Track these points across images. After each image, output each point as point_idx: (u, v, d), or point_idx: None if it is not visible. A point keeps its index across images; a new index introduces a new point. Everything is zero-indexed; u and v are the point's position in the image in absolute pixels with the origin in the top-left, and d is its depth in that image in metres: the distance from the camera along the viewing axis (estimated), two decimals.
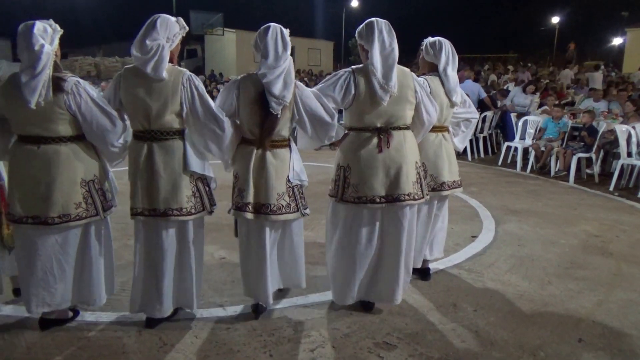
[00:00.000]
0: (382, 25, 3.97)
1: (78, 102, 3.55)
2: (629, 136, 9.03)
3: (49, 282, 3.72)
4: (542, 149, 10.40)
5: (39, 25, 3.47)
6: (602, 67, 25.24)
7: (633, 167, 9.23)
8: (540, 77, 22.74)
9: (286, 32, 3.88)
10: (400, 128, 4.07)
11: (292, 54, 3.92)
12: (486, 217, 7.03)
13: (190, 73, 3.78)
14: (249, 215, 3.86)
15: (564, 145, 10.22)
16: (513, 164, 11.14)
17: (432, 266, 5.11)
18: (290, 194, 3.96)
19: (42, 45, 3.42)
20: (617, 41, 43.92)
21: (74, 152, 3.65)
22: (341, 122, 4.19)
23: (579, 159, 9.76)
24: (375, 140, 4.00)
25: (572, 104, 14.23)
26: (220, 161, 4.07)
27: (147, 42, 3.57)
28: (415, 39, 4.36)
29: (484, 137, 12.59)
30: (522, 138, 11.24)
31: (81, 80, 3.66)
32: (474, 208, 7.52)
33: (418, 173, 4.16)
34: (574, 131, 10.66)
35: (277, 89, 3.71)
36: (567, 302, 4.50)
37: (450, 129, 4.86)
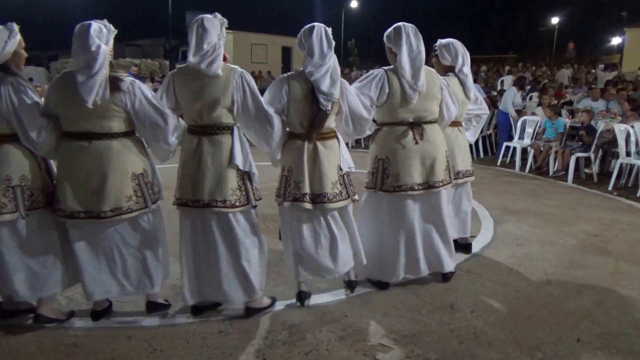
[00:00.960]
0: (409, 29, 4.34)
1: (133, 100, 3.69)
2: (628, 135, 9.01)
3: (105, 272, 3.93)
4: (542, 149, 10.38)
5: (95, 26, 3.59)
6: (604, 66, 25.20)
7: (632, 166, 9.20)
8: (538, 77, 22.78)
9: (330, 30, 4.07)
10: (430, 122, 4.52)
11: (289, 55, 4.05)
12: (485, 217, 7.01)
13: (242, 70, 3.93)
14: (308, 206, 4.09)
15: (562, 145, 10.20)
16: (512, 163, 11.12)
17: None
18: (341, 181, 4.20)
19: (99, 46, 3.53)
20: (616, 41, 44.01)
21: (124, 147, 3.79)
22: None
23: (578, 159, 9.74)
24: (410, 134, 4.42)
25: (570, 103, 14.22)
26: (268, 157, 4.30)
27: (204, 46, 3.71)
28: None
29: (483, 137, 12.56)
30: (521, 138, 11.22)
31: (135, 80, 3.80)
32: (473, 208, 7.47)
33: (447, 161, 4.66)
34: (572, 130, 10.65)
35: (325, 85, 3.93)
36: (566, 302, 4.49)
37: (463, 123, 5.20)
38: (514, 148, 11.15)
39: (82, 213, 3.72)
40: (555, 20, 47.43)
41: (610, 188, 8.98)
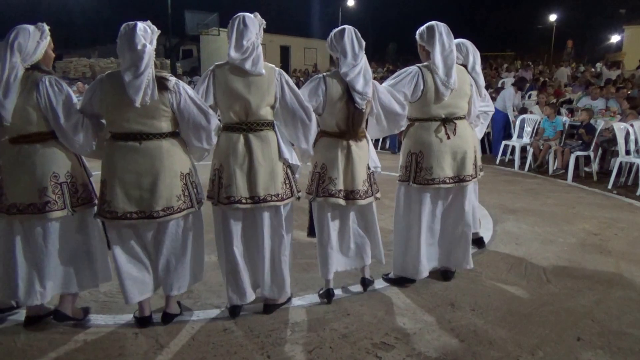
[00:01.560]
0: (441, 28, 4.48)
1: (178, 100, 3.75)
2: (627, 134, 9.05)
3: (145, 274, 3.99)
4: (541, 147, 10.41)
5: (140, 26, 3.63)
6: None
7: (631, 165, 9.24)
8: (536, 75, 22.75)
9: (358, 32, 4.22)
10: (461, 118, 4.68)
11: (288, 54, 4.13)
12: (484, 216, 7.00)
13: (279, 69, 4.09)
14: (342, 202, 4.30)
15: (562, 144, 10.23)
16: (511, 162, 11.13)
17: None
18: (368, 180, 4.41)
19: (145, 45, 3.59)
20: (615, 39, 43.91)
21: (173, 146, 3.85)
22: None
23: (577, 157, 9.77)
24: (442, 129, 4.56)
25: (570, 101, 14.25)
26: (302, 153, 4.37)
27: (244, 42, 3.83)
28: (411, 37, 4.53)
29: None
30: (520, 136, 11.25)
31: (179, 80, 3.86)
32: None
33: (475, 156, 4.79)
34: (572, 129, 10.67)
35: (359, 85, 4.11)
36: (566, 300, 4.51)
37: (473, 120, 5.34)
38: (513, 147, 11.19)
39: (134, 214, 3.76)
40: (553, 17, 47.31)
41: (610, 187, 9.01)
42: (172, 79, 3.75)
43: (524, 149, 11.02)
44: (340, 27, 4.21)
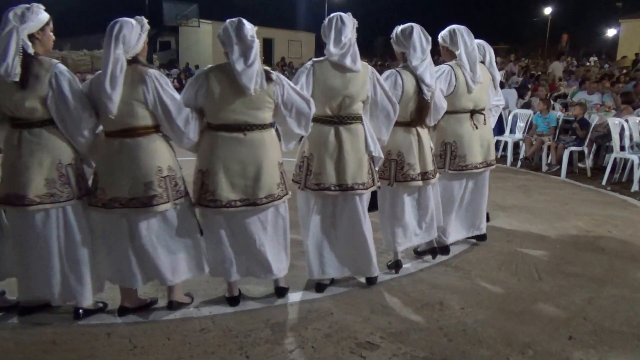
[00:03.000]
0: (462, 30, 5.14)
1: (282, 91, 4.04)
2: (622, 129, 9.09)
3: (245, 256, 4.28)
4: (534, 143, 10.43)
5: (244, 20, 3.90)
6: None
7: (626, 161, 9.28)
8: (531, 68, 22.85)
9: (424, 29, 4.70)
10: (483, 109, 5.38)
11: (271, 47, 4.33)
12: None
13: (372, 67, 4.48)
14: (420, 183, 4.87)
15: (555, 139, 10.26)
16: (503, 158, 11.14)
17: (419, 264, 5.24)
18: (433, 160, 4.99)
19: (253, 37, 3.86)
20: (611, 32, 44.20)
21: (271, 137, 4.15)
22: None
23: (571, 153, 9.81)
24: (470, 120, 5.27)
25: (564, 96, 14.30)
26: (378, 143, 4.63)
27: (342, 38, 4.21)
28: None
29: None
30: (512, 132, 11.28)
31: (279, 73, 4.17)
32: None
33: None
34: (565, 124, 10.70)
35: (427, 78, 4.65)
36: (558, 298, 4.54)
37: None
38: (505, 142, 11.22)
39: (238, 202, 4.04)
40: (547, 10, 47.50)
41: (604, 183, 9.08)
42: (274, 72, 4.04)
43: (516, 145, 11.06)
44: (406, 25, 4.71)
